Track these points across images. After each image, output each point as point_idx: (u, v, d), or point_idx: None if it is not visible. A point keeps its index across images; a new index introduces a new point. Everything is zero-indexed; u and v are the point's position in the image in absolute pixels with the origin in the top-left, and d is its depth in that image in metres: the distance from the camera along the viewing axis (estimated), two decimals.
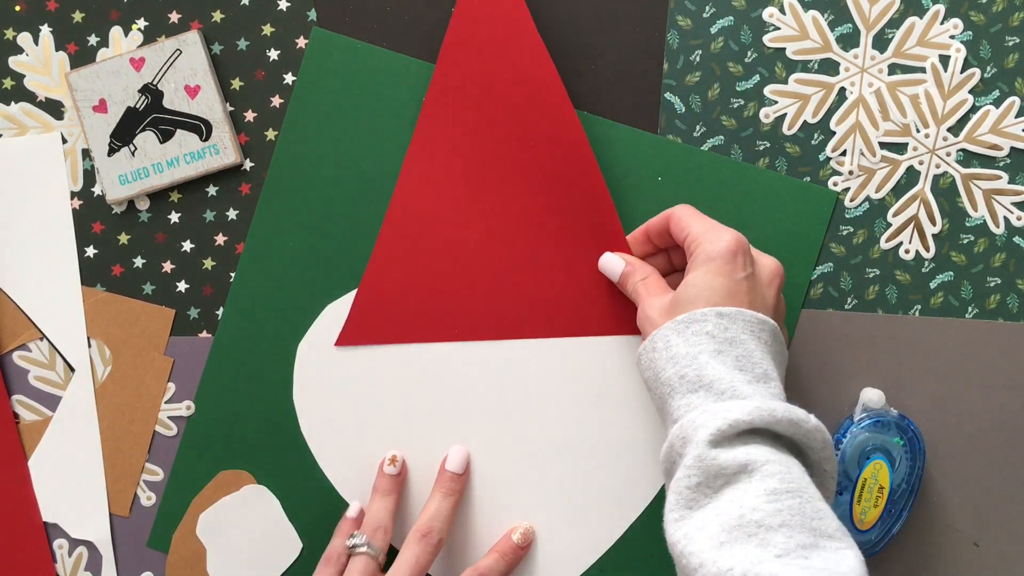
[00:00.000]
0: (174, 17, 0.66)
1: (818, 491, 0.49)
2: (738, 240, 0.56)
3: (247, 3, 0.66)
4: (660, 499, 0.65)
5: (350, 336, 0.66)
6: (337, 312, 0.66)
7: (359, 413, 0.66)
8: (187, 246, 0.67)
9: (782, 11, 0.65)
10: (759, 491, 0.48)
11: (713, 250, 0.55)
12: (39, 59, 0.67)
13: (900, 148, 0.64)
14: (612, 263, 0.62)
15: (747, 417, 0.50)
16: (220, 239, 0.67)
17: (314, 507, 0.66)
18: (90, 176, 0.67)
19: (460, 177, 0.65)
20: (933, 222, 0.65)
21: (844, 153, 0.65)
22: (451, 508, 0.63)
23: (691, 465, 0.50)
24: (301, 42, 0.66)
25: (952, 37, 0.64)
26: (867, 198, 0.65)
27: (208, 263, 0.67)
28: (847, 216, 0.65)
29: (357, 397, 0.66)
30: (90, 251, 0.67)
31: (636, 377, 0.65)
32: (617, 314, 0.65)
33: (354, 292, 0.66)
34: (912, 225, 0.65)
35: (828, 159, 0.65)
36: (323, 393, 0.66)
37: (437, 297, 0.65)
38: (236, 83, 0.66)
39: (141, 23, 0.67)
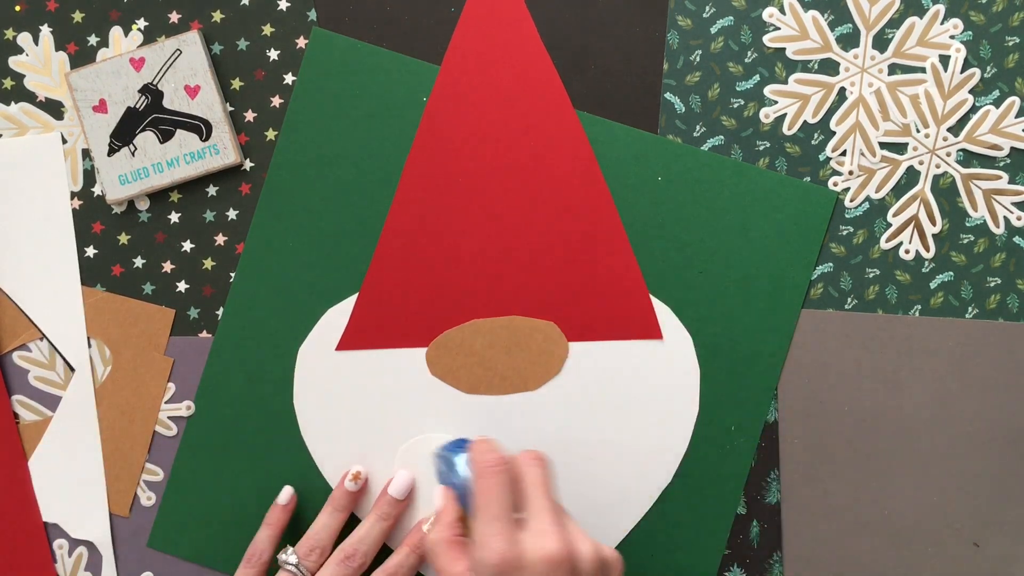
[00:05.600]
0: (174, 17, 0.66)
1: None
2: (503, 558, 0.50)
3: (247, 3, 0.66)
4: (662, 502, 0.65)
5: (351, 340, 0.66)
6: (338, 316, 0.66)
7: (360, 417, 0.66)
8: (187, 246, 0.67)
9: (782, 11, 0.65)
10: None
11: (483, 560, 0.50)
12: (39, 59, 0.67)
13: (900, 148, 0.64)
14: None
15: None
16: (220, 239, 0.67)
17: (314, 507, 0.66)
18: (90, 176, 0.67)
19: (462, 180, 0.65)
20: (933, 222, 0.65)
21: (844, 153, 0.65)
22: (382, 532, 0.63)
23: None
24: (301, 42, 0.66)
25: (952, 37, 0.64)
26: (867, 198, 0.65)
27: (208, 263, 0.67)
28: (847, 216, 0.65)
29: (358, 401, 0.66)
30: (90, 251, 0.67)
31: (637, 381, 0.65)
32: (618, 318, 0.65)
33: (355, 296, 0.66)
34: (912, 225, 0.65)
35: (828, 159, 0.65)
36: (323, 397, 0.66)
37: (439, 301, 0.65)
38: (236, 83, 0.66)
39: (141, 23, 0.67)
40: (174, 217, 0.67)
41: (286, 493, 0.64)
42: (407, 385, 0.66)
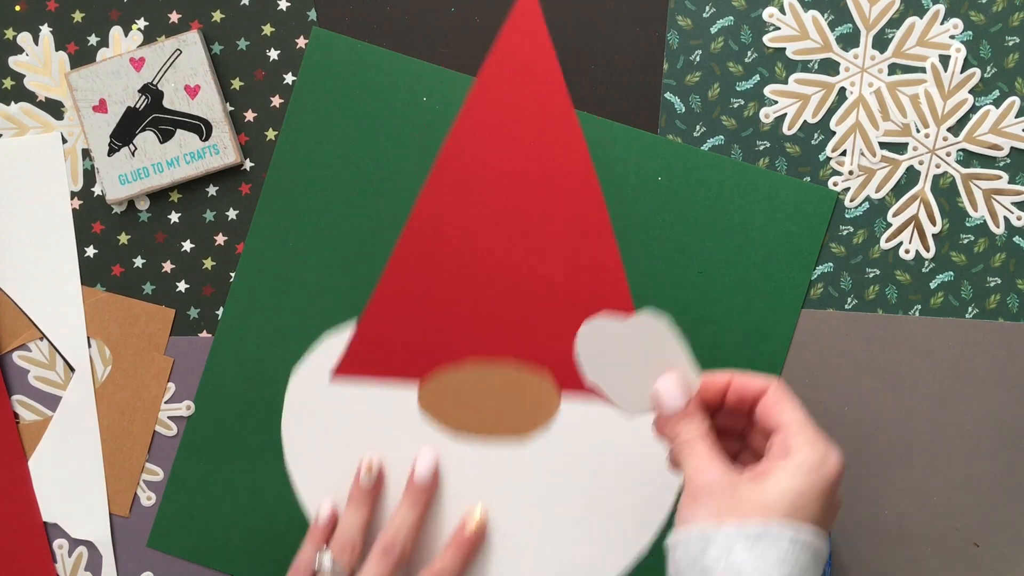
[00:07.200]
0: (174, 17, 0.66)
1: None
2: (843, 465, 0.49)
3: (247, 3, 0.66)
4: (666, 530, 0.65)
5: (349, 366, 0.65)
6: (335, 341, 0.65)
7: (348, 453, 0.65)
8: (187, 246, 0.67)
9: (782, 11, 0.65)
10: None
11: (827, 469, 0.48)
12: (39, 59, 0.67)
13: (900, 148, 0.64)
14: (670, 393, 0.52)
15: None
16: (220, 239, 0.67)
17: (308, 519, 0.66)
18: (90, 176, 0.67)
19: (476, 216, 0.65)
20: (933, 222, 0.65)
21: (844, 153, 0.65)
22: (416, 519, 0.63)
23: None
24: (301, 42, 0.66)
25: (952, 37, 0.64)
26: (867, 198, 0.65)
27: (208, 263, 0.67)
28: (847, 216, 0.65)
29: (346, 436, 0.65)
30: (90, 251, 0.67)
31: (629, 433, 0.64)
32: None
33: (352, 320, 0.65)
34: (912, 225, 0.65)
35: (828, 159, 0.65)
36: (312, 428, 0.66)
37: (438, 335, 0.65)
38: (236, 83, 0.66)
39: (141, 23, 0.67)
40: (174, 217, 0.67)
41: (325, 510, 0.64)
42: (395, 424, 0.65)
